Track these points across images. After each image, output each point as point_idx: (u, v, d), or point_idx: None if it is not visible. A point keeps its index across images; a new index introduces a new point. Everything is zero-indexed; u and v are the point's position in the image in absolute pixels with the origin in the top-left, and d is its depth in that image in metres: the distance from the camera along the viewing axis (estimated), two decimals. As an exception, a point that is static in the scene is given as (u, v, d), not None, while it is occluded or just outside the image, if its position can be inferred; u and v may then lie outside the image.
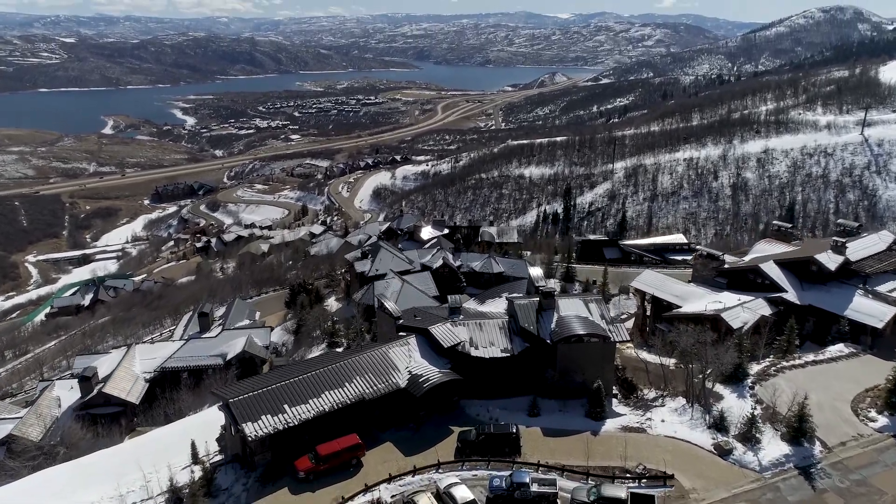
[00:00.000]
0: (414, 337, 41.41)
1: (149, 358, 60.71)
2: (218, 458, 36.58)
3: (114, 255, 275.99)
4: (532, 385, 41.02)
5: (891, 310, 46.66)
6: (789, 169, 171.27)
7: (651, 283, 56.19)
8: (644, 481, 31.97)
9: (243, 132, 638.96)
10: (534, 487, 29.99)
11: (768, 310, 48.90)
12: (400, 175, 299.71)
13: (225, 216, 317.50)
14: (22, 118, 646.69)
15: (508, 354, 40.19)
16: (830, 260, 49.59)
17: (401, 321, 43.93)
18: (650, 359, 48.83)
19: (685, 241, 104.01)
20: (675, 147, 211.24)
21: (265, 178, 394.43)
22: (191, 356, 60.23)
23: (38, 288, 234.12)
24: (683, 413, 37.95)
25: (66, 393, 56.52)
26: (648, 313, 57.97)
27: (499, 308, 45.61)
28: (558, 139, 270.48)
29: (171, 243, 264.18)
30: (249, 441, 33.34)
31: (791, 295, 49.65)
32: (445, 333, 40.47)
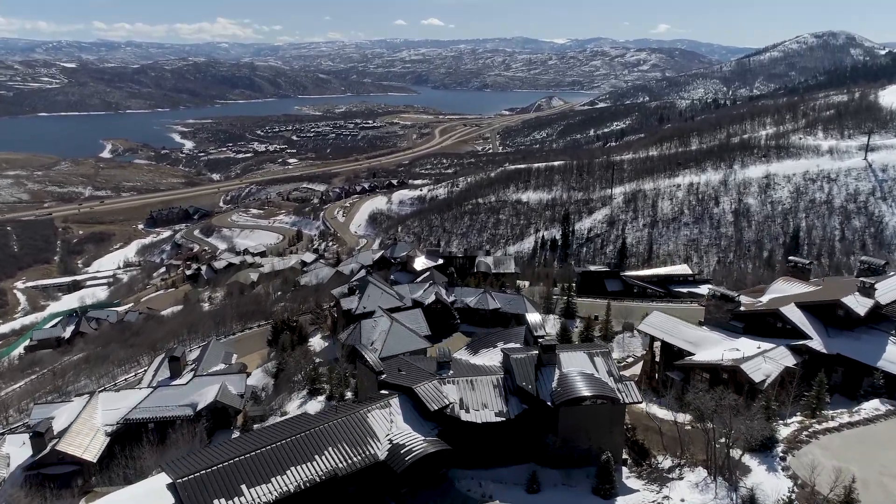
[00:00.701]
0: (397, 397, 36.50)
1: (112, 408, 55.48)
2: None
3: (104, 282, 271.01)
4: (531, 452, 36.06)
5: (929, 360, 41.95)
6: (792, 195, 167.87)
7: (660, 327, 51.46)
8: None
9: (241, 156, 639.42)
10: None
11: (792, 359, 44.08)
12: (396, 200, 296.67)
13: (219, 241, 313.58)
14: (21, 142, 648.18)
15: (504, 418, 35.29)
16: (859, 304, 45.01)
17: (383, 376, 39.05)
18: (662, 414, 43.82)
19: (689, 272, 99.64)
20: (675, 172, 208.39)
21: (261, 203, 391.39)
22: (158, 406, 55.04)
23: (26, 316, 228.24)
24: (706, 490, 32.90)
25: (17, 450, 51.24)
26: (657, 359, 53.07)
27: (493, 360, 40.78)
28: (556, 164, 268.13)
29: (163, 269, 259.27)
30: (198, 533, 28.22)
31: (817, 343, 44.92)
32: (432, 394, 35.59)
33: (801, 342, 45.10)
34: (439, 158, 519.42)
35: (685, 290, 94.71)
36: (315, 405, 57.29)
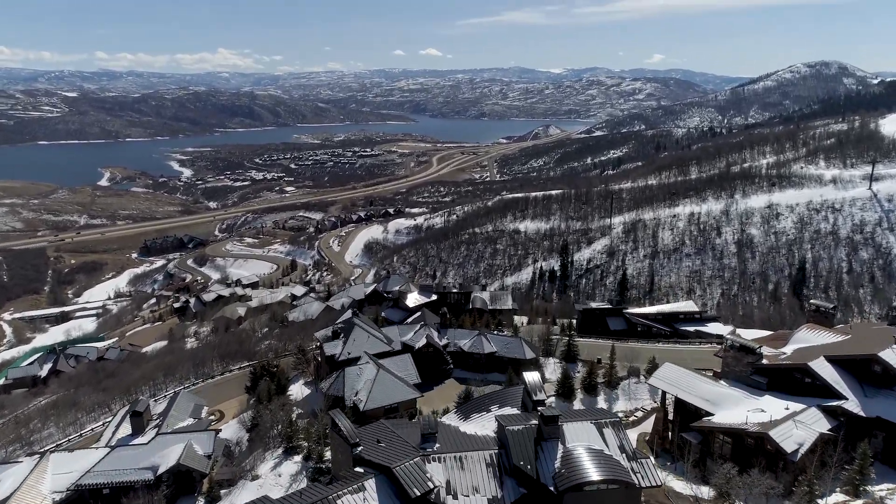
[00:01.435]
0: (373, 478, 31.13)
1: (64, 472, 49.68)
2: None
3: (93, 313, 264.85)
4: (530, 545, 30.58)
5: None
6: (796, 225, 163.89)
7: (673, 381, 46.24)
8: None
9: (238, 184, 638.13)
10: None
11: (826, 423, 38.87)
12: (392, 229, 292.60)
13: (212, 271, 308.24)
14: (19, 170, 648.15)
15: (498, 506, 29.91)
16: (898, 359, 40.00)
17: (359, 450, 33.68)
18: (680, 488, 38.45)
19: (696, 310, 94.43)
20: (675, 201, 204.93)
21: (256, 231, 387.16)
22: (114, 469, 49.26)
23: (10, 349, 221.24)
24: None
25: (-50, 523, 45.29)
26: (671, 416, 47.68)
27: (487, 429, 35.51)
28: (553, 192, 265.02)
29: (153, 300, 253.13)
30: None
31: (853, 404, 39.76)
32: (414, 476, 30.25)
33: (835, 403, 39.91)
34: (437, 187, 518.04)
35: (692, 329, 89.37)
36: (291, 466, 51.67)
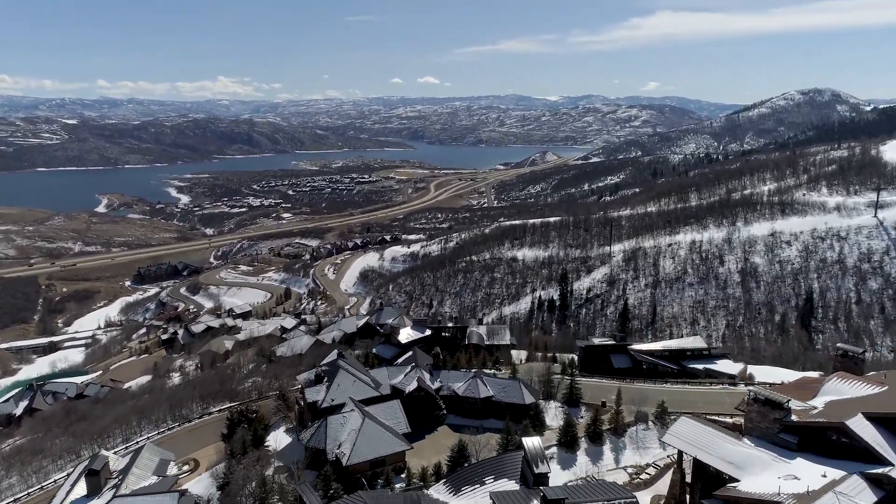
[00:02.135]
0: (343, 576, 25.94)
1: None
2: None
3: (82, 343, 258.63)
4: None
5: None
6: (801, 253, 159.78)
7: (691, 439, 41.16)
8: None
9: (235, 210, 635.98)
10: None
11: (871, 495, 33.83)
12: (388, 256, 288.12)
13: (205, 299, 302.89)
14: (17, 197, 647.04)
15: None
16: (949, 419, 35.14)
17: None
18: (705, 571, 33.17)
19: (704, 346, 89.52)
20: (675, 229, 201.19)
21: (251, 259, 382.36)
22: (62, 539, 43.68)
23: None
24: None
25: None
26: (688, 478, 42.45)
27: (480, 507, 30.41)
28: (552, 219, 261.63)
29: (144, 330, 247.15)
30: None
31: (900, 471, 34.63)
32: (391, 575, 25.10)
33: (881, 470, 34.87)
34: (434, 213, 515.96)
35: (701, 367, 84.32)
36: (263, 534, 46.25)
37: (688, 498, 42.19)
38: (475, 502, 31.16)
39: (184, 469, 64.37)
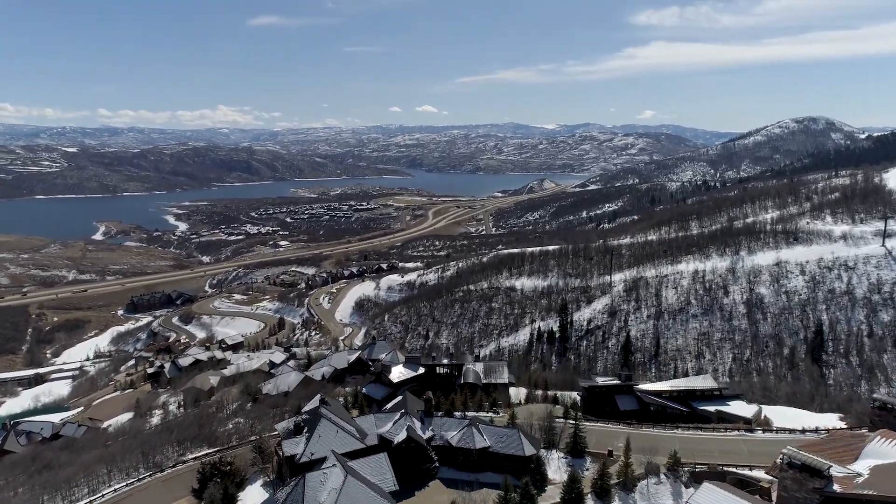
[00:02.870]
0: None
1: None
2: None
3: (69, 375, 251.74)
4: None
5: None
6: (808, 284, 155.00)
7: (716, 512, 35.79)
8: None
9: (233, 238, 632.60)
10: None
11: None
12: (385, 285, 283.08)
13: (198, 329, 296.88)
14: (14, 225, 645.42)
15: None
16: None
17: None
18: None
19: (715, 386, 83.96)
20: (677, 258, 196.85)
21: (245, 287, 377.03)
22: None
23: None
24: None
25: None
26: (712, 555, 36.90)
27: None
28: (550, 248, 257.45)
29: (132, 362, 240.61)
30: None
31: (967, 559, 29.34)
32: None
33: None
34: (432, 240, 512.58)
35: (712, 409, 78.85)
36: None
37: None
38: None
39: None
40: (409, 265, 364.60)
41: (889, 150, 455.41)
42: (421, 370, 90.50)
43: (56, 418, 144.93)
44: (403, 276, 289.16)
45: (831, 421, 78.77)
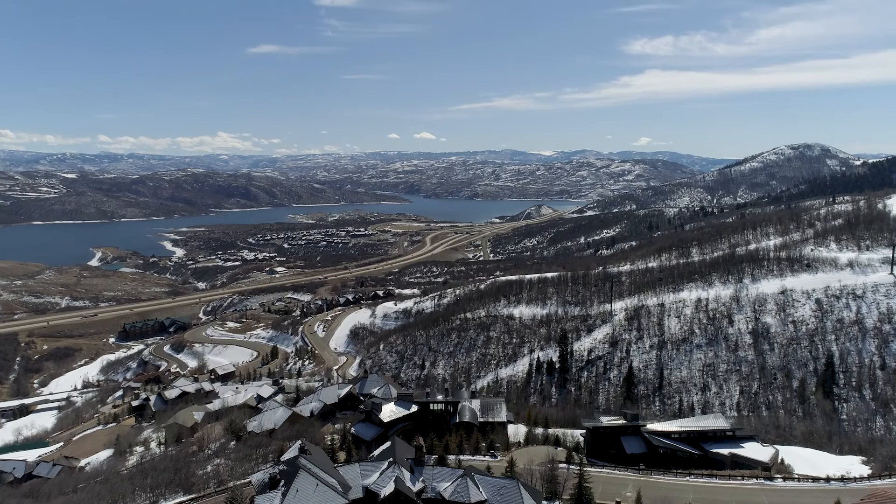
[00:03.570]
0: None
1: None
2: None
3: (55, 406, 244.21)
4: None
5: None
6: (815, 313, 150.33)
7: None
8: None
9: (229, 264, 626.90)
10: None
11: None
12: (380, 313, 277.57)
13: (190, 358, 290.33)
14: (10, 251, 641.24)
15: None
16: None
17: None
18: None
19: (727, 426, 78.98)
20: (679, 285, 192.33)
21: (239, 315, 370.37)
22: None
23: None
24: None
25: None
26: None
27: None
28: (549, 275, 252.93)
29: (120, 393, 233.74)
30: None
31: None
32: None
33: None
34: (429, 266, 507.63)
35: (726, 452, 73.65)
36: None
37: None
38: None
39: None
40: (406, 291, 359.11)
41: (885, 177, 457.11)
42: (414, 408, 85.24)
43: (34, 454, 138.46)
44: (399, 304, 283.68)
45: (854, 465, 73.54)
